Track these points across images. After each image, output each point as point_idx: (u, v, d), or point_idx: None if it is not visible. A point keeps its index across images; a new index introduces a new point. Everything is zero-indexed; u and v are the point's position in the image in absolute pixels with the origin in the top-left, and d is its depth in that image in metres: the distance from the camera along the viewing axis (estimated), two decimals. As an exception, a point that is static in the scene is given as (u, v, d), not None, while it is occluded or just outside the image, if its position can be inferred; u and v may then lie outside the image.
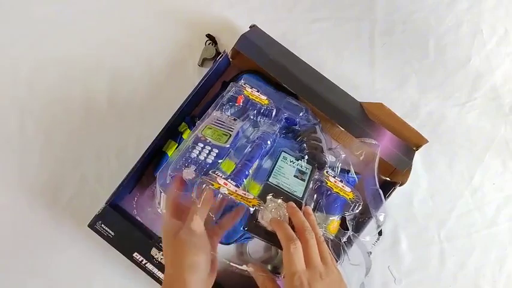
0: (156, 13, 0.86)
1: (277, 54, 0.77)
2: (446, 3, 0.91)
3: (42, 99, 0.81)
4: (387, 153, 0.74)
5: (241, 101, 0.66)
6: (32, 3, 0.84)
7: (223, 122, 0.63)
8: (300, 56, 0.79)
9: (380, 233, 0.79)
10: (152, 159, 0.75)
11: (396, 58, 0.88)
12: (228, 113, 0.66)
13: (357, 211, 0.63)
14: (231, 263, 0.56)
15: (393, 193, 0.74)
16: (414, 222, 0.82)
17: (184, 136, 0.74)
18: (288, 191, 0.59)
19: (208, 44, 0.83)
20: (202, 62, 0.83)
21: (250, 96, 0.66)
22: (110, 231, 0.69)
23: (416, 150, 0.78)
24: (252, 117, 0.67)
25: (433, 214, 0.83)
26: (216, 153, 0.57)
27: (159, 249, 0.69)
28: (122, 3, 0.85)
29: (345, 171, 0.71)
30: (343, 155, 0.70)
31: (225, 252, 0.76)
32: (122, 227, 0.69)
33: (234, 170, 0.58)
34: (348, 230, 0.64)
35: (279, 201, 0.57)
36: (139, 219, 0.76)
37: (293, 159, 0.64)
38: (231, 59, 0.79)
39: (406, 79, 0.87)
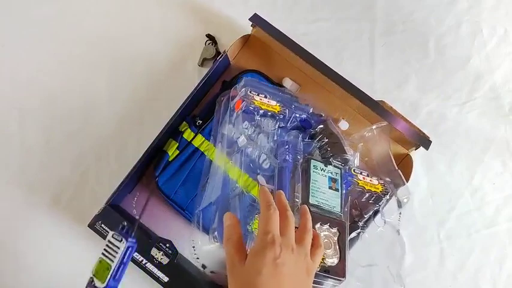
0: (155, 13, 0.86)
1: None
2: (446, 3, 0.91)
3: (42, 99, 0.81)
4: (408, 133, 0.76)
5: (240, 106, 0.66)
6: (31, 2, 0.84)
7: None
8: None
9: (400, 206, 0.78)
10: (152, 159, 0.75)
11: (396, 58, 0.88)
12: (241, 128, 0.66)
13: (387, 199, 0.67)
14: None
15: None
16: (414, 222, 0.82)
17: (185, 136, 0.74)
18: (329, 208, 0.62)
19: (208, 44, 0.83)
20: (202, 62, 0.83)
21: (262, 106, 0.66)
22: (110, 231, 0.69)
23: (417, 148, 0.78)
24: (271, 129, 0.67)
25: (432, 214, 0.83)
26: None
27: (159, 249, 0.69)
28: (121, 3, 0.85)
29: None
30: (361, 144, 0.72)
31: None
32: (122, 227, 0.69)
33: None
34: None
35: (325, 227, 0.59)
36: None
37: (322, 165, 0.65)
38: (231, 59, 0.79)
39: (406, 79, 0.87)
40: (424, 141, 0.77)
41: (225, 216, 0.49)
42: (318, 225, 0.59)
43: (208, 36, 0.84)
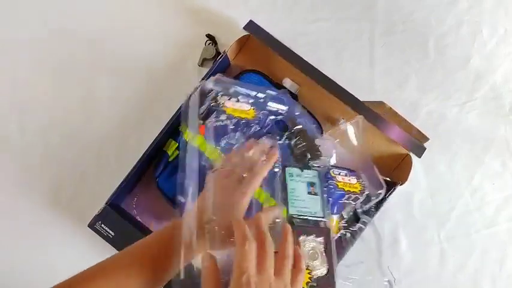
0: (155, 13, 0.86)
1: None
2: (446, 3, 0.91)
3: (42, 99, 0.81)
4: (402, 140, 0.75)
5: (204, 130, 0.64)
6: (31, 3, 0.85)
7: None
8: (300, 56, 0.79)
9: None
10: (152, 159, 0.75)
11: (396, 58, 0.88)
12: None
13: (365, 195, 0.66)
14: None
15: (393, 193, 0.74)
16: (414, 222, 0.82)
17: (185, 136, 0.74)
18: (310, 216, 0.60)
19: (208, 44, 0.83)
20: (202, 62, 0.83)
21: (234, 114, 0.64)
22: (110, 231, 0.69)
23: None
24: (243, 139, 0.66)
25: (432, 214, 0.83)
26: None
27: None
28: (121, 4, 0.85)
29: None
30: (337, 141, 0.72)
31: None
32: (122, 227, 0.69)
33: None
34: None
35: (311, 237, 0.57)
36: (139, 219, 0.76)
37: (298, 171, 0.63)
38: (231, 59, 0.79)
39: (406, 79, 0.87)
40: (417, 149, 0.76)
41: (202, 257, 0.47)
42: (302, 238, 0.56)
43: (208, 36, 0.84)
